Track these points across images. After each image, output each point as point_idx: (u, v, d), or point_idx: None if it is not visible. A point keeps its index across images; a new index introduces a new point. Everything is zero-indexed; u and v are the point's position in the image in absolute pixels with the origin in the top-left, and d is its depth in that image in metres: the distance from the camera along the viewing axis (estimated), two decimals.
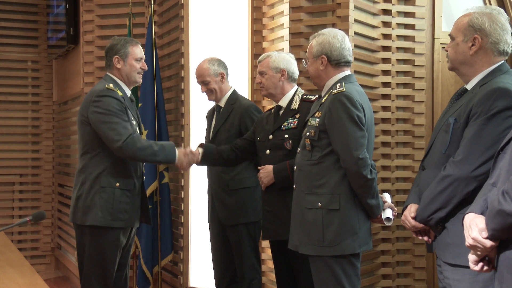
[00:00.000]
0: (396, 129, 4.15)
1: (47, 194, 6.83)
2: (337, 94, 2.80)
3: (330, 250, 2.78)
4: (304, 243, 2.86)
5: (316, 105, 2.99)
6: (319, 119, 2.85)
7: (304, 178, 2.88)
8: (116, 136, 3.27)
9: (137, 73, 3.52)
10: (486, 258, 1.94)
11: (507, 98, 2.27)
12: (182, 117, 4.55)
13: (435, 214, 2.38)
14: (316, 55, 2.93)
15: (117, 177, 3.38)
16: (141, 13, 5.06)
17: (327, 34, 2.94)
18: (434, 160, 2.48)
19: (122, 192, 3.38)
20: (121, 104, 3.36)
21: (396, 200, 4.13)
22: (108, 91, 3.37)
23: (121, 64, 3.48)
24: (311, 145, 2.86)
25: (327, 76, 2.94)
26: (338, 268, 2.80)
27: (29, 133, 6.80)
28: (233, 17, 4.45)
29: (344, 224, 2.79)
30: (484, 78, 2.41)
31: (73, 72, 5.99)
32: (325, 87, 2.96)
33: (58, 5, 6.17)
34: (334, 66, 2.93)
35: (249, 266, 3.72)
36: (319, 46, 2.92)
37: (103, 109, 3.32)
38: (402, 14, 4.17)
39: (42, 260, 6.82)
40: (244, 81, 4.33)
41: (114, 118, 3.31)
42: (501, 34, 2.39)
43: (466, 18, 2.44)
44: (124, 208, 3.38)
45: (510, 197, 1.76)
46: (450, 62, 2.52)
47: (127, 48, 3.48)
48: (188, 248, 4.57)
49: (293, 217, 2.98)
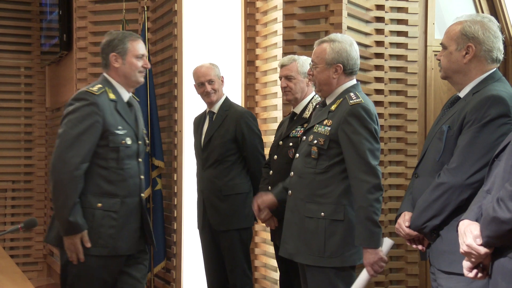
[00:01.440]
0: (389, 136, 4.16)
1: (40, 201, 6.79)
2: (355, 105, 2.72)
3: (331, 261, 2.74)
4: (302, 252, 2.80)
5: (322, 112, 2.89)
6: (330, 127, 2.76)
7: (305, 185, 2.82)
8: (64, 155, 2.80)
9: (138, 72, 3.03)
10: (480, 265, 1.94)
11: (501, 106, 2.28)
12: (175, 123, 4.54)
13: (429, 222, 2.38)
14: (331, 63, 2.81)
15: (100, 196, 2.88)
16: (135, 20, 5.05)
17: (343, 41, 2.84)
18: (428, 167, 2.47)
19: (105, 214, 2.88)
20: (95, 114, 2.85)
21: (389, 207, 4.14)
22: (86, 94, 2.89)
23: (119, 62, 2.99)
24: (318, 153, 2.78)
25: (338, 84, 2.85)
26: (337, 280, 2.76)
27: (21, 139, 6.76)
28: (227, 24, 4.46)
29: (348, 235, 2.73)
30: (477, 85, 2.41)
31: (66, 78, 5.97)
32: (332, 94, 2.87)
33: (52, 11, 6.15)
34: (347, 74, 2.85)
35: (241, 273, 3.72)
36: (335, 54, 2.81)
37: (69, 117, 2.88)
38: (395, 22, 4.19)
39: (34, 267, 6.76)
40: (237, 88, 4.34)
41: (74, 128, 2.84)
42: (494, 42, 2.40)
43: (458, 26, 2.44)
44: (107, 233, 2.88)
45: (505, 204, 1.77)
46: (443, 71, 2.51)
47: (125, 44, 2.98)
48: (180, 255, 4.55)
49: (287, 224, 2.92)
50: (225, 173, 3.72)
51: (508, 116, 2.28)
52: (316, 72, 2.87)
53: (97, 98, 2.89)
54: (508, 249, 1.82)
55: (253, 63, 4.35)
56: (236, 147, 3.72)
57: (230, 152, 3.73)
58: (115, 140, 2.91)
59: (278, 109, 4.06)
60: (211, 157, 3.75)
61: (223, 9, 4.50)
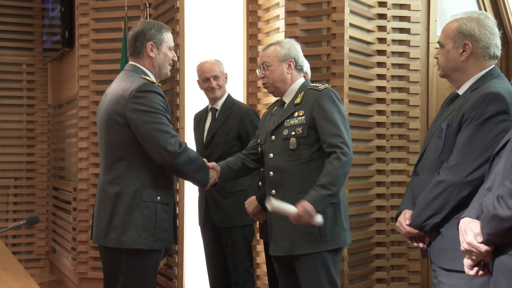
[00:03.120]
0: (391, 133, 4.16)
1: (42, 198, 6.81)
2: (325, 89, 2.88)
3: (333, 243, 2.83)
4: (302, 243, 2.84)
5: (286, 109, 2.97)
6: (304, 116, 2.87)
7: (294, 179, 2.86)
8: (170, 140, 2.74)
9: (168, 64, 3.01)
10: (481, 262, 1.94)
11: (499, 103, 2.28)
12: (178, 120, 4.55)
13: (429, 219, 2.38)
14: (283, 59, 2.98)
15: (158, 189, 2.83)
16: (137, 17, 5.06)
17: (290, 41, 3.04)
18: (427, 165, 2.48)
19: (162, 208, 2.84)
20: (165, 103, 2.84)
21: (391, 204, 4.15)
22: (152, 86, 2.82)
23: (155, 52, 2.92)
24: (296, 143, 2.86)
25: (292, 80, 3.00)
26: (331, 261, 2.85)
27: (24, 136, 6.78)
28: (229, 21, 4.46)
29: (340, 217, 2.87)
30: (476, 82, 2.41)
31: (68, 75, 5.98)
32: (289, 92, 3.00)
33: (53, 8, 6.16)
34: (298, 71, 3.02)
35: (243, 270, 3.72)
36: (286, 50, 2.98)
37: (149, 106, 2.75)
38: (397, 19, 4.18)
39: (36, 264, 6.78)
40: (239, 85, 4.34)
41: (163, 119, 2.76)
42: (490, 38, 2.40)
43: (454, 24, 2.44)
44: (164, 227, 2.85)
45: (505, 202, 1.77)
46: (442, 70, 2.52)
47: (162, 34, 2.93)
48: (183, 252, 4.56)
49: (276, 223, 2.93)
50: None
51: (507, 113, 2.28)
52: (270, 71, 2.99)
53: (160, 90, 2.87)
54: (509, 247, 1.82)
55: (255, 60, 4.34)
56: (239, 144, 3.72)
57: (233, 149, 3.73)
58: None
59: None
60: (215, 154, 3.75)
61: (225, 6, 4.49)
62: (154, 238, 2.79)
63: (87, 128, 5.26)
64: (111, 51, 5.17)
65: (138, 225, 2.77)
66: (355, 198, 3.97)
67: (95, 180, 5.16)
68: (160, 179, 2.84)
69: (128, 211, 2.78)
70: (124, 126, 2.77)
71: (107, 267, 2.91)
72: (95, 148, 5.18)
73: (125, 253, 2.79)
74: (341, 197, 2.88)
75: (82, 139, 5.28)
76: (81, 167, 5.29)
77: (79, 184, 5.31)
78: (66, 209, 6.03)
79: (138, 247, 2.77)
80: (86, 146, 5.26)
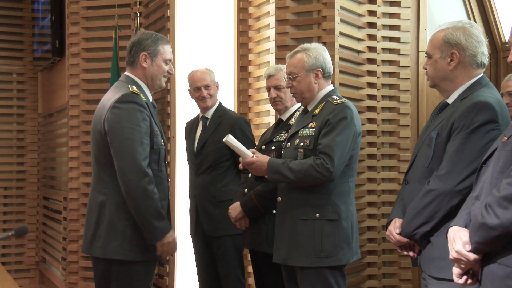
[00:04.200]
0: (382, 141, 4.16)
1: (32, 207, 6.77)
2: (339, 104, 2.83)
3: (328, 261, 2.79)
4: (296, 255, 2.83)
5: (306, 118, 2.96)
6: (315, 128, 2.84)
7: (296, 190, 2.86)
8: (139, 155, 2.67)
9: (163, 76, 2.95)
10: (470, 271, 1.95)
11: (488, 112, 2.29)
12: (168, 129, 4.54)
13: (419, 228, 2.38)
14: (310, 69, 2.92)
15: None
16: (127, 26, 5.05)
17: (317, 47, 2.96)
18: (417, 174, 2.48)
19: None
20: (145, 114, 2.77)
21: (382, 213, 4.15)
22: (133, 96, 2.76)
23: (148, 63, 2.89)
24: (304, 155, 2.84)
25: (319, 89, 2.95)
26: (332, 279, 2.82)
27: (14, 145, 6.75)
28: (219, 30, 4.46)
29: (342, 234, 2.82)
30: (465, 91, 2.43)
31: (59, 84, 5.96)
32: (314, 101, 2.96)
33: (44, 17, 6.15)
34: (326, 79, 2.96)
35: (235, 278, 3.71)
36: (313, 60, 2.92)
37: (125, 118, 2.71)
38: (387, 27, 4.20)
39: (26, 274, 6.74)
40: (230, 94, 4.34)
41: (135, 133, 2.70)
42: (477, 47, 2.42)
43: (440, 34, 2.46)
44: None
45: (493, 211, 1.78)
46: (431, 80, 2.54)
47: (158, 46, 2.89)
48: (173, 261, 4.53)
49: (278, 230, 2.96)
50: (219, 179, 3.71)
51: (496, 122, 2.29)
52: (297, 82, 2.94)
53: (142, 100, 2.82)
54: (497, 255, 1.83)
55: (246, 69, 4.35)
56: (230, 153, 3.71)
57: (224, 158, 3.72)
58: (158, 141, 2.85)
59: (271, 115, 4.06)
60: (205, 163, 3.74)
61: (216, 15, 4.50)
62: (138, 249, 2.75)
63: (77, 137, 5.23)
64: (102, 60, 5.16)
65: (120, 236, 2.74)
66: None
67: (86, 189, 5.13)
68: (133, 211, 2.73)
69: (112, 221, 2.75)
70: (105, 135, 2.76)
71: (98, 277, 2.88)
72: (85, 157, 5.15)
73: (114, 263, 2.77)
74: (344, 214, 2.83)
75: (72, 149, 5.25)
76: (71, 176, 5.26)
77: (69, 193, 5.28)
78: (56, 218, 5.99)
79: (120, 258, 2.74)
80: (77, 156, 5.23)
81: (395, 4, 4.20)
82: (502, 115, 2.32)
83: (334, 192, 2.82)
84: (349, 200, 2.88)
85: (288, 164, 2.79)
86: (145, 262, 2.81)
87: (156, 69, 2.91)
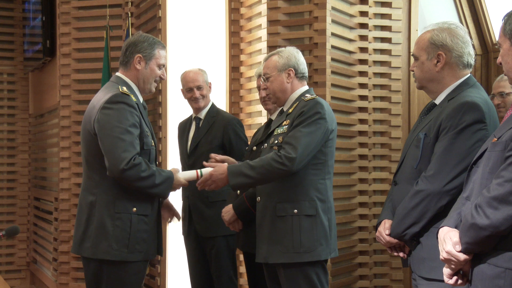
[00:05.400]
0: (373, 142, 4.17)
1: (23, 208, 6.74)
2: (309, 100, 2.87)
3: (307, 256, 2.81)
4: (276, 252, 2.85)
5: (281, 117, 3.00)
6: (288, 125, 2.87)
7: (274, 188, 2.88)
8: (122, 154, 2.68)
9: (154, 80, 2.97)
10: (460, 271, 1.95)
11: (475, 112, 2.30)
12: (160, 130, 4.53)
13: (409, 229, 2.39)
14: (282, 69, 2.96)
15: (134, 200, 2.80)
16: (119, 26, 5.04)
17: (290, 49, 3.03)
18: (406, 175, 2.49)
19: (139, 219, 2.81)
20: (135, 115, 2.79)
21: (374, 213, 4.16)
22: (123, 97, 2.78)
23: (142, 65, 2.91)
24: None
25: (292, 89, 2.99)
26: (313, 274, 2.83)
27: (4, 146, 6.72)
28: (211, 30, 4.46)
29: (320, 229, 2.84)
30: (452, 92, 2.44)
31: (50, 84, 5.94)
32: (288, 101, 3.00)
33: (35, 17, 6.12)
34: (299, 79, 3.00)
35: (227, 279, 3.71)
36: (285, 60, 2.97)
37: (114, 118, 2.73)
38: (378, 28, 4.21)
39: (17, 275, 6.71)
40: (221, 94, 4.33)
41: (124, 133, 2.71)
42: (463, 47, 2.43)
43: (426, 36, 2.47)
44: (142, 238, 2.82)
45: (483, 211, 1.78)
46: (418, 81, 2.55)
47: (154, 50, 2.92)
48: (165, 262, 4.53)
49: (258, 229, 2.97)
50: None
51: (483, 122, 2.30)
52: (270, 82, 2.99)
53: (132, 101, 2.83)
54: (487, 255, 1.83)
55: (237, 69, 4.35)
56: (223, 154, 3.71)
57: None
58: (148, 142, 2.87)
59: (262, 115, 4.06)
60: (198, 164, 3.73)
61: (208, 15, 4.49)
62: (128, 250, 2.77)
63: (68, 137, 5.21)
64: (93, 60, 5.14)
65: (110, 236, 2.76)
66: (338, 207, 3.97)
67: (77, 190, 5.11)
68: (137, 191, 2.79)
69: (102, 221, 2.77)
70: (95, 136, 2.78)
71: (89, 277, 2.90)
72: (76, 157, 5.14)
73: (104, 263, 2.79)
74: (322, 211, 2.86)
75: (63, 149, 5.23)
76: (62, 177, 5.24)
77: (60, 194, 5.26)
78: (47, 219, 5.97)
79: (110, 258, 2.76)
80: (68, 156, 5.22)
81: (386, 5, 4.21)
82: (489, 115, 2.33)
83: (312, 189, 2.85)
84: (327, 197, 2.90)
85: (248, 163, 2.81)
86: (135, 262, 2.82)
87: (149, 72, 2.93)
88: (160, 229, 2.97)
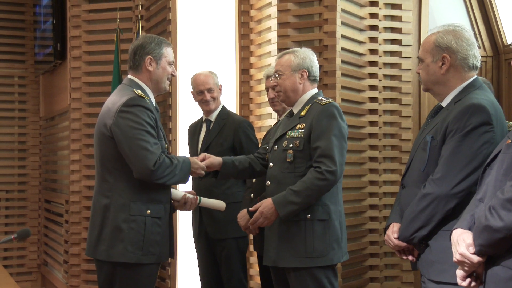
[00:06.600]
0: (384, 144, 4.16)
1: (34, 210, 6.77)
2: (327, 104, 2.87)
3: (320, 260, 2.81)
4: (286, 256, 2.84)
5: (292, 120, 2.99)
6: (304, 129, 2.87)
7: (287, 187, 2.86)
8: (149, 156, 2.71)
9: (167, 78, 3.00)
10: (473, 274, 1.94)
11: (482, 114, 2.29)
12: (170, 132, 4.54)
13: (417, 232, 2.38)
14: (296, 69, 2.96)
15: (148, 202, 2.81)
16: (129, 29, 5.06)
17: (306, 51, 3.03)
18: (413, 178, 2.49)
19: (153, 221, 2.82)
20: (152, 117, 2.82)
21: (384, 215, 4.14)
22: (140, 100, 2.79)
23: (154, 66, 2.93)
24: (293, 156, 2.87)
25: (303, 90, 2.99)
26: (324, 277, 2.84)
27: (15, 149, 6.75)
28: (221, 33, 4.47)
29: (332, 234, 2.84)
30: (458, 94, 2.43)
31: (60, 87, 5.97)
32: (298, 102, 2.99)
33: (45, 20, 6.15)
34: (311, 81, 3.01)
35: (237, 281, 3.71)
36: (300, 60, 2.97)
37: (133, 121, 2.74)
38: (388, 30, 4.21)
39: (28, 277, 6.73)
40: (231, 96, 4.34)
41: (145, 135, 2.74)
42: (468, 49, 2.43)
43: (431, 38, 2.48)
44: (155, 240, 2.83)
45: (497, 213, 1.78)
46: (424, 84, 2.55)
47: (161, 49, 2.94)
48: (175, 265, 4.53)
49: (268, 232, 2.96)
50: (222, 181, 3.70)
51: (490, 124, 2.29)
52: (282, 80, 2.99)
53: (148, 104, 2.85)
54: (501, 258, 1.83)
55: (247, 72, 4.36)
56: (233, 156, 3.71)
57: None
58: (162, 145, 2.88)
59: (272, 118, 4.06)
60: None
61: (217, 18, 4.51)
62: (142, 252, 2.79)
63: (79, 140, 5.23)
64: (103, 63, 5.16)
65: (125, 239, 2.77)
66: (348, 209, 3.96)
67: (88, 192, 5.13)
68: (151, 193, 2.82)
69: (116, 224, 2.78)
70: (111, 139, 2.79)
71: (102, 280, 2.91)
72: (87, 160, 5.16)
73: (118, 266, 2.80)
74: (334, 215, 2.86)
75: (74, 152, 5.25)
76: (73, 179, 5.26)
77: (71, 196, 5.28)
78: (58, 221, 5.99)
79: (126, 260, 2.78)
80: (78, 159, 5.24)
81: (396, 7, 4.21)
82: (496, 117, 2.32)
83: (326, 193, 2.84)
84: (337, 200, 2.91)
85: (291, 189, 2.79)
86: (149, 265, 2.83)
87: (161, 72, 2.95)
88: (172, 232, 2.98)
